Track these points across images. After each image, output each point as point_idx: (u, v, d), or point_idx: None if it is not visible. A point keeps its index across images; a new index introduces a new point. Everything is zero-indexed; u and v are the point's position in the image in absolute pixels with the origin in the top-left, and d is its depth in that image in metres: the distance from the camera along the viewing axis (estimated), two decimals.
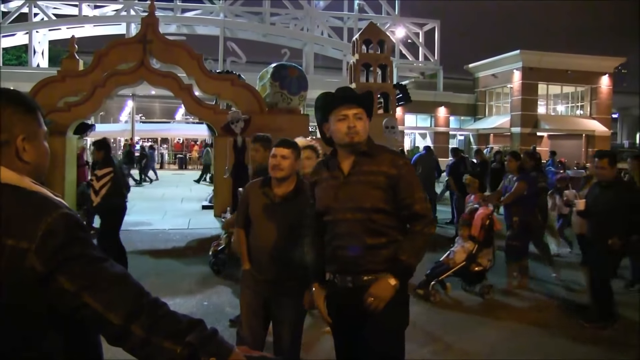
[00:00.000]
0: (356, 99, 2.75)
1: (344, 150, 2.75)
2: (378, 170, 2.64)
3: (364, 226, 2.62)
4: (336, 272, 2.75)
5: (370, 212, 2.61)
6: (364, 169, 2.67)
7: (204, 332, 1.36)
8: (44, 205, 1.34)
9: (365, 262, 2.63)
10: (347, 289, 2.68)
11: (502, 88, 37.60)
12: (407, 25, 38.39)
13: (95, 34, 34.87)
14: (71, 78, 12.23)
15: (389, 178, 2.62)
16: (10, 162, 1.38)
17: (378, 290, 2.55)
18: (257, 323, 3.34)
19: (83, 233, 1.36)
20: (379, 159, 2.68)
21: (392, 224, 2.64)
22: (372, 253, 2.62)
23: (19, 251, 1.25)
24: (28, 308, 1.29)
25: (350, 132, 2.66)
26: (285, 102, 13.13)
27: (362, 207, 2.62)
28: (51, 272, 1.27)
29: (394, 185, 2.62)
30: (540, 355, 4.76)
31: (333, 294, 2.77)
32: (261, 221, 3.29)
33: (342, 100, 2.73)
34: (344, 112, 2.69)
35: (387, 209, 2.62)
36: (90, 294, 1.29)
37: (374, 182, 2.63)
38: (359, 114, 2.69)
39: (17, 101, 1.42)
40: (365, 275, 2.63)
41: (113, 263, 1.38)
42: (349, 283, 2.68)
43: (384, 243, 2.62)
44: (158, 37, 12.57)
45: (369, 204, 2.61)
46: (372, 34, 15.10)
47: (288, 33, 36.88)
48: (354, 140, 2.67)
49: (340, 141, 2.71)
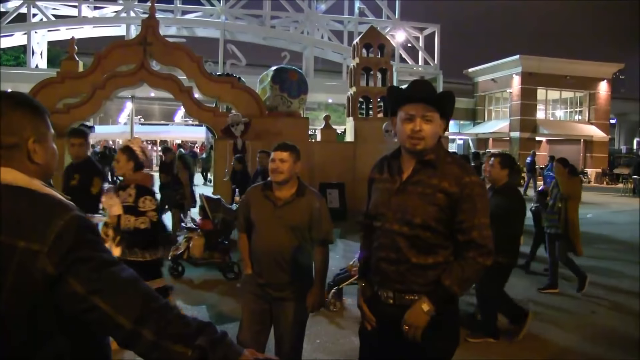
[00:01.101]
0: (429, 98, 2.38)
1: (407, 153, 2.46)
2: (439, 184, 2.35)
3: (410, 242, 2.37)
4: (379, 285, 2.51)
5: (418, 228, 2.34)
6: (423, 179, 2.39)
7: (214, 335, 1.35)
8: (56, 207, 1.34)
9: (409, 280, 2.39)
10: (389, 305, 2.45)
11: (501, 93, 37.62)
12: (407, 29, 38.36)
13: (94, 35, 34.80)
14: (70, 79, 12.21)
15: (448, 196, 2.32)
16: (21, 164, 1.39)
17: (412, 317, 2.32)
18: (259, 327, 3.34)
19: (94, 236, 1.37)
20: (444, 172, 2.37)
21: (444, 244, 2.38)
22: (417, 273, 2.37)
23: (31, 253, 1.25)
24: (37, 309, 1.28)
25: (414, 136, 2.37)
26: (286, 105, 13.13)
27: (410, 222, 2.36)
28: (62, 274, 1.27)
29: (453, 204, 2.32)
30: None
31: (375, 303, 2.52)
32: (263, 224, 3.30)
33: (410, 99, 2.40)
34: (412, 111, 2.37)
35: (439, 228, 2.34)
36: (100, 297, 1.29)
37: (431, 196, 2.34)
38: (430, 117, 2.37)
39: (27, 104, 1.44)
40: (408, 295, 2.39)
41: (124, 267, 1.38)
42: (389, 299, 2.45)
43: (431, 264, 2.36)
44: (158, 39, 12.56)
45: (419, 219, 2.34)
46: (372, 37, 15.08)
47: (288, 36, 36.84)
48: (416, 148, 2.39)
49: (403, 144, 2.44)
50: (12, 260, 1.24)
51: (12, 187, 1.33)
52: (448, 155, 2.46)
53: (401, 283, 2.40)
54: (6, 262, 1.24)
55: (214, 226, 7.29)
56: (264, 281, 3.31)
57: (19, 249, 1.25)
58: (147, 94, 27.28)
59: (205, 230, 7.29)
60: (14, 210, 1.29)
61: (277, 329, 3.35)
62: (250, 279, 3.40)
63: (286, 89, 13.13)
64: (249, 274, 3.41)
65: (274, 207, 3.27)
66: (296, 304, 3.28)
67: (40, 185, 1.38)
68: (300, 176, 3.41)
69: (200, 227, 7.36)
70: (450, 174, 2.36)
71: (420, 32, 39.00)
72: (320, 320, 5.45)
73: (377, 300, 2.50)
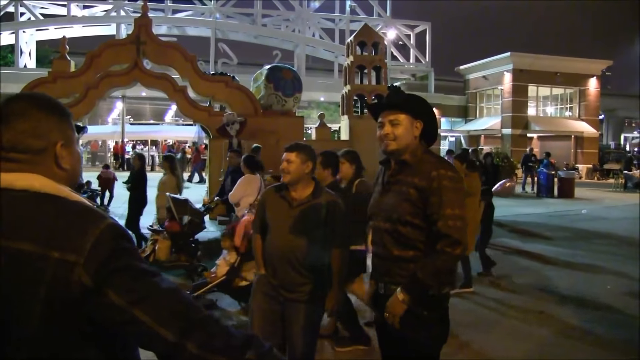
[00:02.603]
0: (391, 104, 2.67)
1: (389, 157, 2.69)
2: (411, 181, 2.54)
3: (393, 237, 2.57)
4: (376, 279, 2.74)
5: (397, 223, 2.54)
6: (402, 178, 2.59)
7: (262, 349, 1.29)
8: (90, 216, 1.26)
9: (394, 273, 2.60)
10: (381, 296, 2.66)
11: (492, 90, 37.71)
12: (399, 27, 38.43)
13: (84, 35, 34.52)
14: (63, 79, 12.08)
15: (419, 191, 2.50)
16: (49, 169, 1.31)
17: (390, 306, 2.53)
18: (270, 329, 3.30)
19: (130, 244, 1.29)
20: (418, 169, 2.56)
21: (422, 237, 2.53)
22: (400, 266, 2.57)
23: (67, 264, 1.18)
24: (71, 322, 1.21)
25: (383, 139, 2.62)
26: (280, 104, 13.07)
27: (390, 218, 2.57)
28: (99, 285, 1.19)
29: (424, 199, 2.49)
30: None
31: (377, 295, 2.74)
32: (278, 225, 3.28)
33: (374, 107, 2.70)
34: (381, 118, 2.64)
35: (416, 222, 2.51)
36: (141, 309, 1.21)
37: (405, 193, 2.54)
38: (395, 120, 2.59)
39: (52, 106, 1.36)
40: (394, 285, 2.58)
41: (163, 277, 1.30)
42: (381, 289, 2.68)
43: (411, 256, 2.54)
44: (151, 38, 12.45)
45: (396, 215, 2.55)
46: (366, 35, 15.04)
47: (279, 34, 36.76)
48: (387, 149, 2.62)
49: (381, 148, 2.68)
50: (46, 272, 1.17)
51: (41, 194, 1.26)
52: (427, 153, 2.64)
53: (388, 276, 2.61)
54: (40, 274, 1.17)
55: (181, 228, 7.11)
56: (277, 282, 3.29)
57: (53, 260, 1.18)
58: (138, 93, 27.10)
59: (172, 231, 7.07)
60: (45, 219, 1.22)
61: (289, 331, 3.31)
62: (262, 279, 3.38)
63: (280, 87, 13.08)
64: (262, 273, 3.38)
65: (290, 207, 3.26)
66: (309, 305, 3.25)
67: (69, 192, 1.31)
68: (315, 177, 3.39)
69: (166, 229, 7.13)
70: (421, 170, 2.53)
71: (411, 30, 39.07)
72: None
73: (377, 293, 2.72)
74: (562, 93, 37.70)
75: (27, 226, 1.21)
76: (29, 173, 1.27)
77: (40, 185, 1.26)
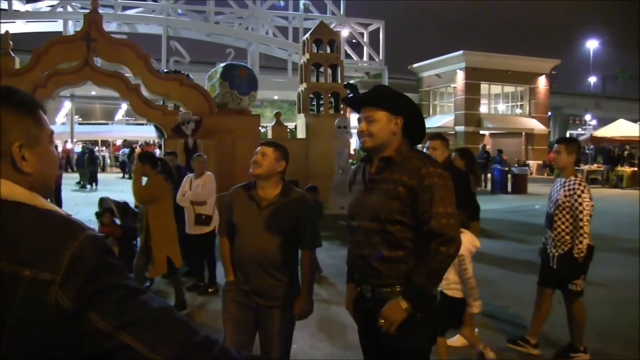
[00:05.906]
0: (365, 101, 2.61)
1: (370, 153, 2.63)
2: (399, 179, 2.44)
3: (381, 237, 2.47)
4: (360, 281, 2.62)
5: (385, 222, 2.45)
6: (387, 176, 2.50)
7: None
8: (67, 227, 1.08)
9: (383, 274, 2.49)
10: (367, 299, 2.57)
11: (445, 88, 38.39)
12: (352, 25, 38.55)
13: (28, 31, 33.21)
14: (7, 77, 11.49)
15: (408, 189, 2.41)
16: (9, 175, 1.12)
17: (388, 312, 2.40)
18: (244, 338, 3.15)
19: (113, 259, 1.12)
20: (405, 167, 2.46)
21: (412, 236, 2.45)
22: (390, 266, 2.47)
23: (40, 284, 1.00)
24: (47, 349, 1.03)
25: (360, 136, 2.58)
26: (235, 102, 12.88)
27: (377, 217, 2.47)
28: (80, 308, 1.02)
29: (413, 197, 2.41)
30: None
31: (360, 298, 2.64)
32: (247, 227, 3.12)
33: (348, 102, 2.77)
34: (359, 115, 2.61)
35: (405, 221, 2.43)
36: (130, 334, 1.04)
37: (393, 191, 2.44)
38: (371, 117, 2.52)
39: (6, 100, 1.15)
40: (383, 287, 2.49)
41: (152, 295, 1.13)
42: (368, 293, 2.56)
43: (401, 257, 2.45)
44: (102, 34, 12.05)
45: (384, 214, 2.45)
46: (322, 33, 14.98)
47: (233, 32, 36.30)
48: (364, 145, 2.58)
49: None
50: (16, 293, 1.00)
51: (8, 202, 1.08)
52: (412, 150, 2.57)
53: (376, 277, 2.49)
54: (8, 296, 1.00)
55: (123, 232, 6.83)
56: (249, 288, 3.12)
57: (25, 279, 1.00)
58: (88, 92, 26.29)
59: (117, 237, 6.76)
60: (13, 232, 1.04)
61: (263, 338, 3.17)
62: (232, 286, 3.20)
63: (236, 85, 12.88)
64: (231, 280, 3.21)
65: (258, 208, 3.09)
66: (283, 311, 3.11)
67: (42, 201, 1.14)
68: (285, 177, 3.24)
69: (108, 234, 6.67)
70: (409, 167, 2.45)
71: (365, 28, 39.27)
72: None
73: (360, 296, 2.62)
74: (513, 91, 38.73)
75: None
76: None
77: (7, 192, 1.09)
